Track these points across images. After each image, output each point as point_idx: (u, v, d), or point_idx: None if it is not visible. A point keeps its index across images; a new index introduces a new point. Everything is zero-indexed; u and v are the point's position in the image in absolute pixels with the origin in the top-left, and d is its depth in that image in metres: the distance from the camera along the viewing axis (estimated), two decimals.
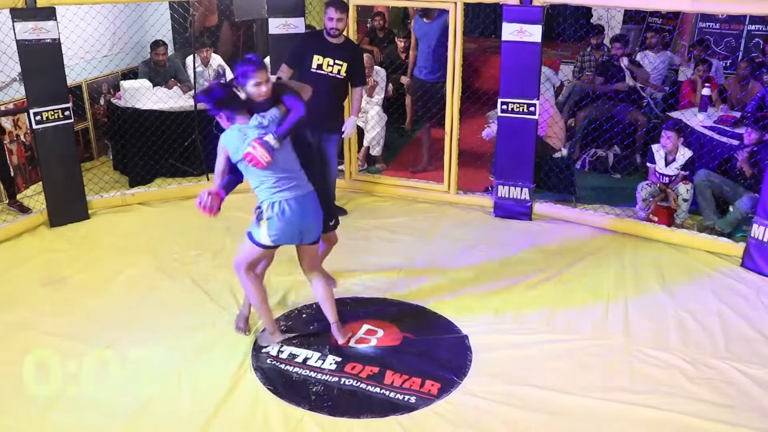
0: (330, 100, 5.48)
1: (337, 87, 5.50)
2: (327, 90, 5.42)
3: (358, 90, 5.59)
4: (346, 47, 5.50)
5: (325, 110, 5.42)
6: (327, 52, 5.43)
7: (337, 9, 5.34)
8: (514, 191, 5.92)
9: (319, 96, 5.42)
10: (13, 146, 6.66)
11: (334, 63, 5.42)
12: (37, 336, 4.41)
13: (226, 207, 4.15)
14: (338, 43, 5.44)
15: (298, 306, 4.65)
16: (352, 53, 5.52)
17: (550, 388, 3.82)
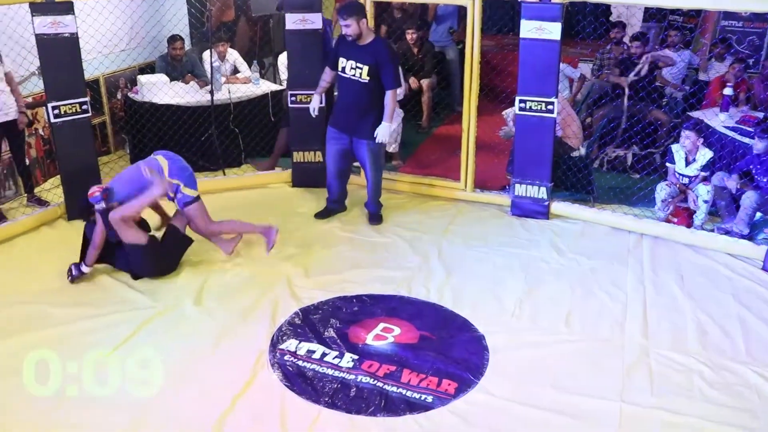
0: (355, 103, 5.44)
1: (362, 91, 5.38)
2: (352, 94, 5.44)
3: (388, 93, 5.36)
4: (369, 49, 5.33)
5: (351, 115, 5.49)
6: (350, 54, 5.37)
7: (341, 16, 5.28)
8: (531, 190, 5.89)
9: (346, 100, 5.54)
10: (32, 140, 6.68)
11: (355, 66, 5.34)
12: (54, 327, 4.43)
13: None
14: (363, 44, 5.34)
15: (315, 302, 4.64)
16: (377, 55, 5.30)
17: (568, 390, 3.79)
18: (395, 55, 5.50)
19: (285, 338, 4.24)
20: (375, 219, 5.81)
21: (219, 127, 6.81)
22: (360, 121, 5.45)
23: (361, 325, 4.37)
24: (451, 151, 7.04)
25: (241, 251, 5.34)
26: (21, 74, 6.30)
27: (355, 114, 5.45)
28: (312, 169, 6.41)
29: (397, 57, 5.52)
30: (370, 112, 5.42)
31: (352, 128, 5.51)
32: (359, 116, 5.44)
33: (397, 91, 5.48)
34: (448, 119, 8.30)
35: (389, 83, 5.33)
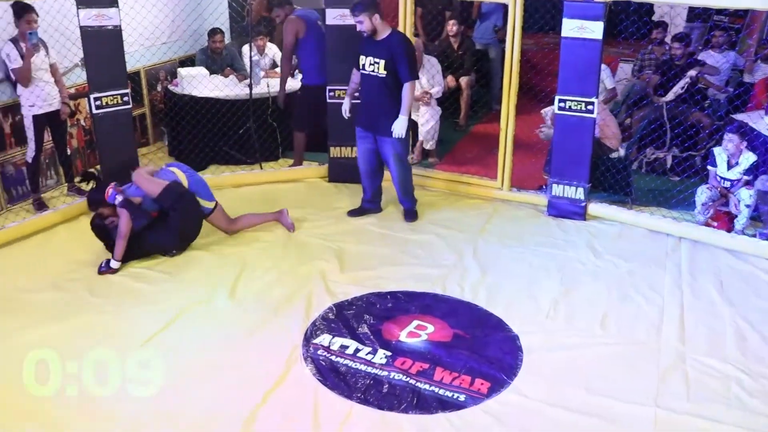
0: (376, 100, 5.42)
1: (382, 86, 5.36)
2: (372, 90, 5.43)
3: (405, 86, 5.32)
4: (385, 43, 5.32)
5: (373, 111, 5.47)
6: (368, 50, 5.37)
7: (353, 13, 5.28)
8: (568, 190, 5.83)
9: (367, 96, 5.53)
10: (73, 130, 6.79)
11: (373, 61, 5.33)
12: (91, 314, 4.51)
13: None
14: (380, 39, 5.33)
15: (349, 298, 4.65)
16: (392, 48, 5.28)
17: (602, 393, 3.75)
18: (411, 48, 5.45)
19: (319, 333, 4.26)
20: (409, 215, 5.79)
21: (257, 120, 6.85)
22: (380, 118, 5.43)
23: (395, 322, 4.37)
24: (488, 149, 7.00)
25: (276, 246, 5.38)
26: (65, 65, 6.41)
27: (375, 110, 5.44)
28: (348, 165, 6.42)
29: (413, 49, 5.47)
30: (390, 107, 5.38)
31: (374, 125, 5.50)
32: (380, 112, 5.43)
33: (415, 83, 5.44)
34: (486, 117, 8.25)
35: (405, 75, 5.29)
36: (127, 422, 3.57)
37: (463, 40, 8.07)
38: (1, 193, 6.06)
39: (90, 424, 3.55)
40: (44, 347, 4.14)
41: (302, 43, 6.50)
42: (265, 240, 5.48)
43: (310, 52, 6.56)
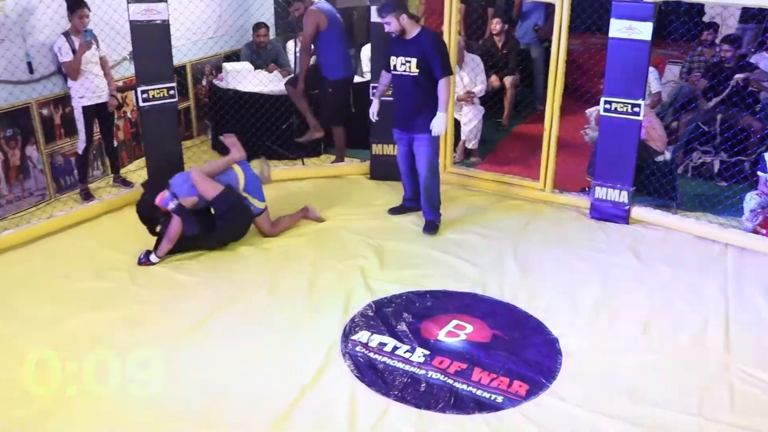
0: (410, 99, 5.34)
1: (414, 85, 5.27)
2: (405, 90, 5.34)
3: (440, 83, 5.19)
4: (416, 41, 5.22)
5: (406, 111, 5.38)
6: (399, 50, 5.29)
7: (380, 14, 5.19)
8: (612, 193, 5.75)
9: (400, 97, 5.45)
10: (120, 122, 6.90)
11: (405, 61, 5.25)
12: (133, 304, 4.58)
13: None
14: (409, 38, 5.24)
15: (388, 296, 4.65)
16: (423, 46, 5.19)
17: (644, 401, 3.68)
18: (442, 44, 5.36)
19: (357, 329, 4.26)
20: (428, 227, 5.56)
21: (300, 116, 6.88)
22: (414, 117, 5.35)
23: (434, 321, 4.35)
24: (530, 150, 6.96)
25: (316, 241, 5.40)
26: (114, 59, 6.52)
27: (409, 110, 5.36)
28: (390, 163, 6.41)
29: (444, 45, 5.38)
30: (423, 106, 5.30)
31: (408, 125, 5.43)
32: (413, 112, 5.34)
33: (450, 79, 5.34)
34: (529, 118, 8.19)
35: (439, 72, 5.18)
36: (169, 410, 3.60)
37: (508, 39, 8.01)
38: (50, 182, 6.19)
39: (135, 411, 3.60)
40: (88, 335, 4.23)
41: (323, 36, 6.39)
42: (306, 235, 5.51)
43: (332, 46, 6.46)
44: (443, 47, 5.33)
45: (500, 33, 7.90)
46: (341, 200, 6.15)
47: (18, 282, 4.83)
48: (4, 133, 5.74)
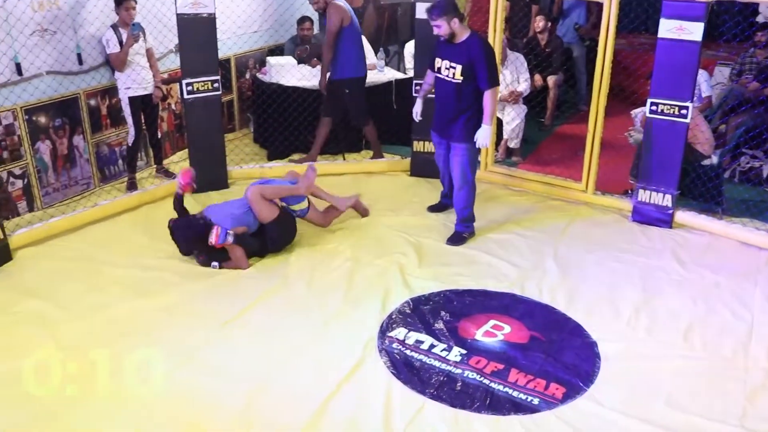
0: (450, 106, 5.16)
1: (456, 92, 5.08)
2: (447, 95, 5.18)
3: (486, 94, 4.99)
4: (464, 47, 5.00)
5: (446, 117, 5.23)
6: (445, 53, 5.09)
7: (430, 17, 5.00)
8: (655, 196, 5.66)
9: (441, 101, 5.29)
10: (164, 114, 6.99)
11: (450, 66, 5.05)
12: (173, 293, 4.64)
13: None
14: (458, 42, 5.03)
15: (426, 293, 4.64)
16: (471, 53, 4.96)
17: (684, 409, 3.61)
18: (491, 53, 5.11)
19: (394, 326, 4.26)
20: (454, 239, 5.36)
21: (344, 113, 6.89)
22: (453, 124, 5.17)
23: (471, 320, 4.33)
24: (572, 150, 6.88)
25: (355, 237, 5.41)
26: (161, 51, 6.60)
27: (448, 116, 5.19)
28: (431, 160, 6.36)
29: (493, 54, 5.14)
30: (463, 114, 5.11)
31: (446, 132, 5.27)
32: (452, 119, 5.16)
33: (496, 90, 5.13)
34: (572, 118, 8.10)
35: (486, 82, 4.96)
36: (205, 401, 3.64)
37: (551, 37, 7.92)
38: (95, 172, 6.30)
39: (171, 401, 3.65)
40: (129, 323, 4.30)
41: (344, 32, 6.34)
42: (345, 230, 5.53)
43: (350, 43, 6.41)
44: (492, 56, 5.10)
45: (544, 31, 7.81)
46: (381, 196, 6.15)
47: (63, 269, 4.93)
48: (53, 123, 5.86)
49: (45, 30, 5.63)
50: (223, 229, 4.78)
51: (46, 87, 5.71)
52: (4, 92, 5.41)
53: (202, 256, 4.94)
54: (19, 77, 5.49)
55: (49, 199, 5.93)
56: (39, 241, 5.28)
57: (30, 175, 5.75)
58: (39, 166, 5.82)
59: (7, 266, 4.95)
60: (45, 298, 4.54)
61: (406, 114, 6.70)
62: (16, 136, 5.60)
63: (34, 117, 5.70)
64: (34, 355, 3.96)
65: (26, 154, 5.69)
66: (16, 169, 5.66)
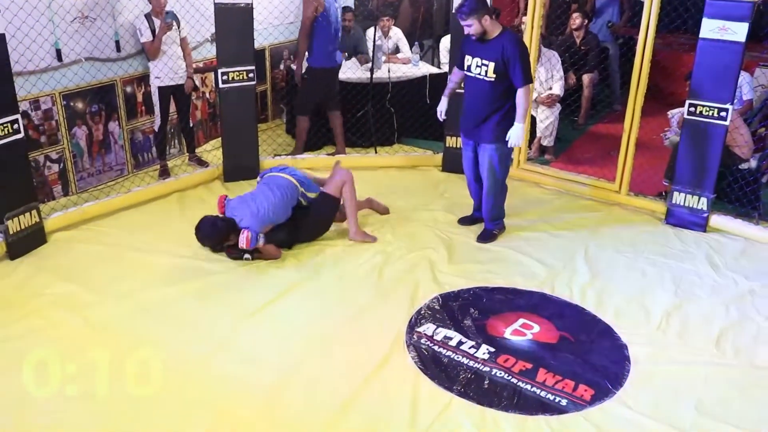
0: (480, 104, 4.99)
1: (488, 90, 4.91)
2: (477, 94, 5.00)
3: (520, 92, 4.83)
4: (497, 44, 4.80)
5: (476, 117, 5.04)
6: (476, 50, 4.89)
7: (460, 16, 4.78)
8: (690, 199, 5.57)
9: (471, 101, 5.10)
10: (198, 102, 7.04)
11: (481, 63, 4.86)
12: (203, 280, 4.68)
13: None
14: (490, 38, 4.84)
15: (455, 290, 4.62)
16: (504, 50, 4.77)
17: (714, 416, 3.56)
18: (525, 50, 4.93)
19: (423, 321, 4.26)
20: (484, 236, 5.29)
21: (375, 105, 6.89)
22: (484, 124, 5.00)
23: (500, 318, 4.31)
24: (606, 150, 6.81)
25: (386, 231, 5.41)
26: (197, 40, 6.64)
27: (479, 116, 5.01)
28: None
29: (527, 50, 4.96)
30: (495, 113, 4.95)
31: (476, 132, 5.09)
32: (483, 118, 4.99)
33: (530, 88, 4.96)
34: (606, 117, 8.01)
35: (519, 80, 4.80)
36: (231, 388, 3.67)
37: (587, 35, 7.83)
38: (129, 158, 6.36)
39: (198, 387, 3.68)
40: (160, 308, 4.35)
41: (317, 21, 6.26)
42: (375, 224, 5.52)
43: (322, 33, 6.32)
44: (525, 53, 4.93)
45: (580, 28, 7.73)
46: (413, 191, 6.14)
47: (96, 254, 4.99)
48: (90, 109, 5.93)
49: (86, 17, 5.70)
50: (253, 234, 4.76)
51: (84, 73, 5.77)
52: (44, 77, 5.48)
53: (233, 251, 4.94)
54: (58, 63, 5.56)
55: (83, 183, 6.01)
56: (73, 225, 5.36)
57: (66, 159, 5.83)
58: (75, 151, 5.89)
59: (42, 249, 5.03)
60: (78, 281, 4.61)
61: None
62: (54, 121, 5.68)
63: (72, 102, 5.77)
64: (66, 338, 4.03)
65: (63, 139, 5.77)
66: (53, 154, 5.74)
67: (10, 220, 4.80)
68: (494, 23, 4.87)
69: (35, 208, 5.02)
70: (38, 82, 5.44)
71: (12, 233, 4.83)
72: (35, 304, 4.35)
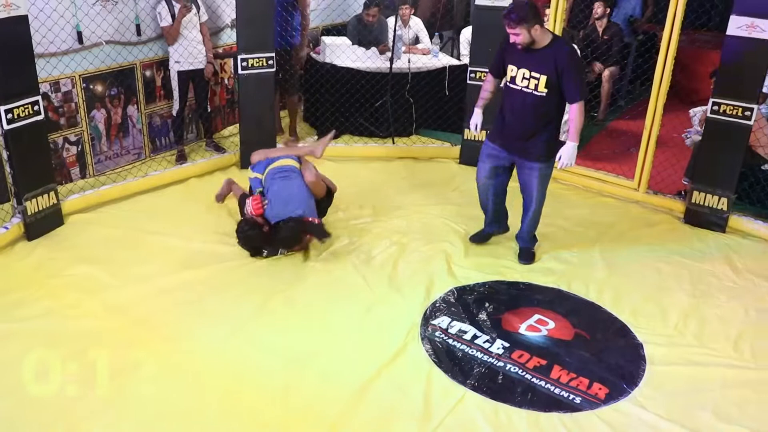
0: (527, 120, 4.48)
1: (536, 105, 4.41)
2: (522, 108, 4.47)
3: (573, 108, 4.35)
4: (548, 55, 4.30)
5: (520, 133, 4.55)
6: (522, 61, 4.39)
7: (508, 24, 4.27)
8: (710, 199, 5.51)
9: (514, 115, 4.56)
10: (217, 88, 7.03)
11: (530, 76, 4.37)
12: (218, 265, 4.68)
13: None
14: (539, 48, 4.34)
15: (471, 283, 4.60)
16: (558, 62, 4.28)
17: (731, 420, 3.51)
18: (580, 62, 4.48)
19: (438, 314, 4.24)
20: (526, 256, 4.93)
21: (394, 95, 6.86)
22: (530, 141, 4.51)
23: (516, 313, 4.29)
24: (625, 147, 6.75)
25: (402, 223, 5.39)
26: (218, 26, 6.63)
27: (525, 132, 4.51)
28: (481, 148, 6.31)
29: (581, 64, 4.53)
30: (544, 130, 4.49)
31: (519, 148, 4.58)
32: (530, 135, 4.50)
33: (584, 104, 4.41)
34: (627, 113, 7.94)
35: (574, 95, 4.32)
36: (245, 375, 3.66)
37: (609, 25, 7.75)
38: (146, 142, 6.37)
39: (212, 375, 3.67)
40: (176, 292, 4.35)
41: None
42: (393, 216, 5.50)
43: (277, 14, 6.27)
44: (581, 65, 4.49)
45: (602, 17, 7.62)
46: (430, 183, 6.12)
47: (112, 236, 5.01)
48: (109, 92, 5.93)
49: (107, 0, 5.69)
50: (320, 222, 4.86)
51: (104, 56, 5.78)
52: (65, 60, 5.48)
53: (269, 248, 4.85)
54: (79, 45, 5.57)
55: (101, 166, 6.02)
56: (90, 207, 5.38)
57: (84, 142, 5.84)
58: (93, 133, 5.90)
59: (60, 230, 5.05)
60: (95, 264, 4.62)
61: (458, 101, 6.65)
62: (74, 104, 5.68)
63: (92, 85, 5.77)
64: (83, 320, 4.04)
65: (82, 122, 5.78)
66: (72, 136, 5.75)
67: (28, 201, 4.82)
68: (544, 32, 4.35)
69: (53, 190, 5.03)
70: (59, 65, 5.45)
71: (30, 214, 4.85)
72: (52, 285, 4.37)
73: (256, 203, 4.88)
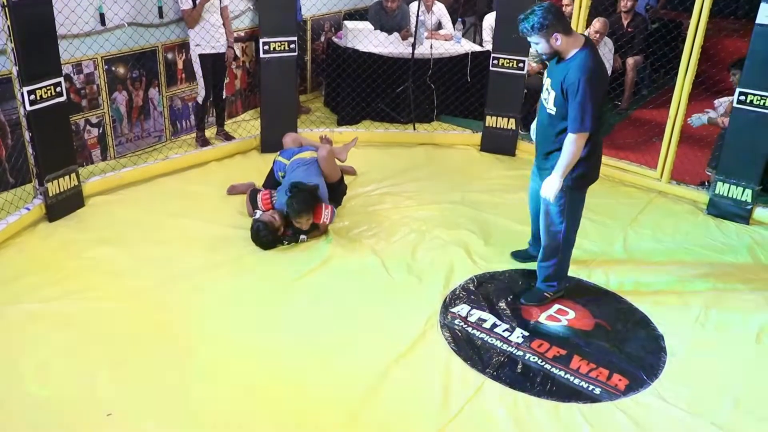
0: (546, 138, 4.00)
1: (549, 122, 3.91)
2: (542, 123, 4.04)
3: (568, 138, 3.74)
4: (564, 68, 3.73)
5: (541, 149, 4.09)
6: (550, 70, 3.91)
7: (523, 33, 3.74)
8: (734, 190, 5.44)
9: (540, 130, 4.10)
10: (238, 72, 7.01)
11: (549, 87, 3.89)
12: (240, 249, 4.69)
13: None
14: (565, 58, 3.76)
15: (491, 271, 4.58)
16: (567, 78, 3.68)
17: (753, 413, 3.48)
18: (593, 83, 3.64)
19: (457, 302, 4.22)
20: (530, 296, 4.28)
21: (416, 81, 6.82)
22: (545, 159, 4.05)
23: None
24: (648, 136, 6.67)
25: (422, 209, 5.37)
26: (240, 9, 6.60)
27: (542, 150, 4.07)
28: (503, 136, 6.29)
29: (595, 86, 3.65)
30: (555, 150, 3.92)
31: (539, 165, 4.20)
32: (544, 153, 4.04)
33: (584, 137, 3.73)
34: (650, 102, 7.84)
35: (573, 123, 3.70)
36: (262, 362, 3.67)
37: (635, 17, 7.67)
38: (167, 125, 6.37)
39: (229, 360, 3.68)
40: (195, 276, 4.37)
41: None
42: (411, 202, 5.49)
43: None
44: (592, 88, 3.64)
45: (630, 10, 7.56)
46: (450, 170, 6.09)
47: (132, 219, 5.03)
48: (131, 74, 5.93)
49: None
50: (332, 207, 4.90)
51: (126, 38, 5.78)
52: (88, 41, 5.49)
53: (289, 232, 4.85)
54: (102, 27, 5.57)
55: (121, 149, 6.04)
56: (110, 189, 5.40)
57: (105, 124, 5.86)
58: (114, 115, 5.92)
59: (80, 212, 5.08)
60: (115, 246, 4.65)
61: (480, 87, 6.60)
62: (95, 86, 5.69)
63: (114, 67, 5.78)
64: (103, 301, 4.06)
65: (103, 104, 5.79)
66: (93, 118, 5.77)
67: (50, 182, 4.85)
68: (571, 40, 3.72)
69: (74, 172, 5.06)
70: (81, 46, 5.45)
71: (51, 195, 4.88)
72: (72, 267, 4.40)
73: (266, 198, 4.97)
